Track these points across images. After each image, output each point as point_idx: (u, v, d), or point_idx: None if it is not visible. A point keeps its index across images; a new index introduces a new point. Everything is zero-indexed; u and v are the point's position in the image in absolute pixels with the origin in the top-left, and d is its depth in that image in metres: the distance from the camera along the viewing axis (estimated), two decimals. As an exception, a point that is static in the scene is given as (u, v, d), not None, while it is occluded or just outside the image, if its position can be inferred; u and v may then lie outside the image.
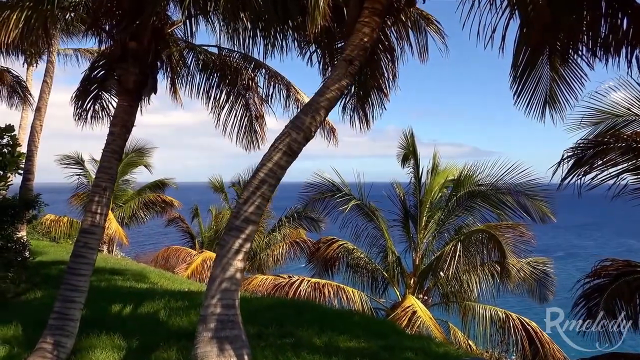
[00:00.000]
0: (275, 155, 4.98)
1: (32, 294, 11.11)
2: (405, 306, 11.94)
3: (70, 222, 20.49)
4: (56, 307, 6.69)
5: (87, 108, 9.81)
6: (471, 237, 12.54)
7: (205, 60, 9.43)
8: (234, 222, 4.91)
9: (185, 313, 7.94)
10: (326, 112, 5.03)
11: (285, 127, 5.12)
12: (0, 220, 10.93)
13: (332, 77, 5.01)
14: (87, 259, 6.92)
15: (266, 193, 5.01)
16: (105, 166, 7.24)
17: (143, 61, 7.40)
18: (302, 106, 10.52)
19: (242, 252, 4.94)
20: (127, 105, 7.43)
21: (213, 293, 4.78)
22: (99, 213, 7.04)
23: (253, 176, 5.01)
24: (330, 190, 15.08)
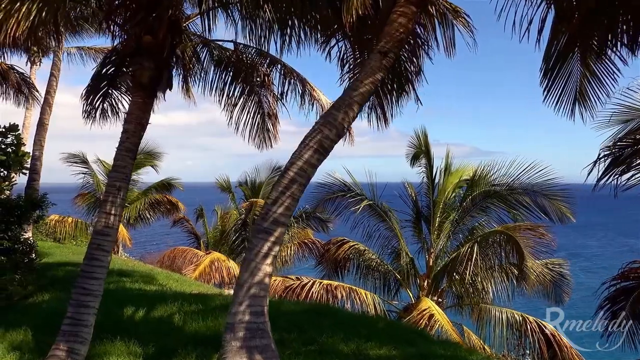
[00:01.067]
0: (305, 153, 4.69)
1: (40, 297, 10.84)
2: (421, 309, 11.65)
3: (75, 223, 20.22)
4: (69, 313, 6.40)
5: (96, 106, 9.56)
6: (488, 239, 12.25)
7: (220, 56, 9.14)
8: (262, 224, 4.63)
9: (202, 317, 7.64)
10: (359, 107, 4.75)
11: (316, 124, 4.84)
12: (6, 221, 10.66)
13: (365, 70, 4.72)
14: (101, 261, 6.63)
15: (296, 193, 4.72)
16: (119, 165, 6.94)
17: (158, 56, 7.10)
18: (318, 104, 10.27)
19: (270, 256, 4.66)
20: (141, 101, 7.13)
21: (241, 299, 4.49)
22: (113, 214, 6.75)
23: (282, 175, 4.72)
24: (341, 191, 14.80)
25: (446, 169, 14.82)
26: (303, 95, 10.13)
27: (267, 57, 9.26)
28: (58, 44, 8.89)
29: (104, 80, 9.26)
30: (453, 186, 14.70)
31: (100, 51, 21.47)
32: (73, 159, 20.29)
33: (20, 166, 12.73)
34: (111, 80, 9.28)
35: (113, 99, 9.57)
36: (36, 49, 18.92)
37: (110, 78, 9.23)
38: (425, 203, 14.90)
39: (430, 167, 14.65)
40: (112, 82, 9.33)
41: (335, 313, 8.22)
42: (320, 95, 10.18)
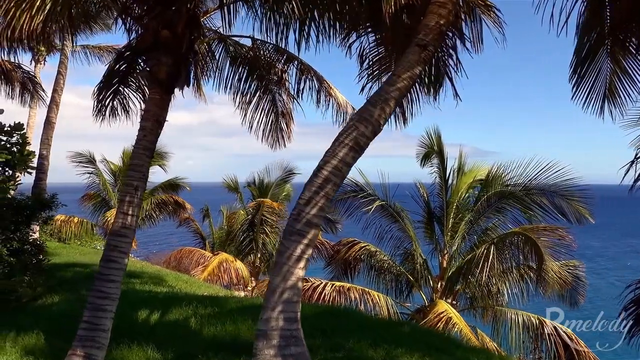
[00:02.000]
0: (340, 151, 4.46)
1: (49, 299, 10.62)
2: (438, 312, 11.39)
3: (81, 223, 19.99)
4: (86, 317, 6.17)
5: (106, 104, 9.34)
6: (505, 240, 11.99)
7: (236, 52, 8.91)
8: (294, 226, 4.40)
9: (219, 321, 7.41)
10: (396, 102, 4.52)
11: (350, 120, 4.61)
12: (15, 222, 10.44)
13: (403, 64, 4.50)
14: (119, 263, 6.40)
15: (330, 193, 4.50)
16: (137, 164, 6.73)
17: (176, 51, 6.88)
18: (335, 102, 10.04)
19: (303, 259, 4.43)
20: (158, 98, 6.91)
21: (274, 305, 4.27)
22: (130, 214, 6.52)
23: (315, 174, 4.48)
24: (353, 191, 14.54)
25: (459, 169, 14.55)
26: (319, 93, 9.89)
27: (284, 54, 9.03)
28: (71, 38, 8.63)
29: (115, 77, 9.05)
30: (466, 186, 14.45)
31: (105, 50, 21.28)
32: (79, 159, 20.08)
33: (26, 166, 12.54)
34: (123, 77, 9.07)
35: (123, 97, 9.37)
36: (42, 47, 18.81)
37: (122, 75, 9.02)
38: (438, 204, 14.64)
39: (444, 168, 14.38)
40: (123, 80, 9.12)
41: (356, 316, 8.00)
42: (337, 94, 9.95)
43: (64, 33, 7.66)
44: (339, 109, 10.16)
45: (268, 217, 18.28)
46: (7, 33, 6.62)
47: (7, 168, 12.07)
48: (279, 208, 18.25)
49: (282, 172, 19.81)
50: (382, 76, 8.27)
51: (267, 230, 18.63)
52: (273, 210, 18.11)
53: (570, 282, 11.95)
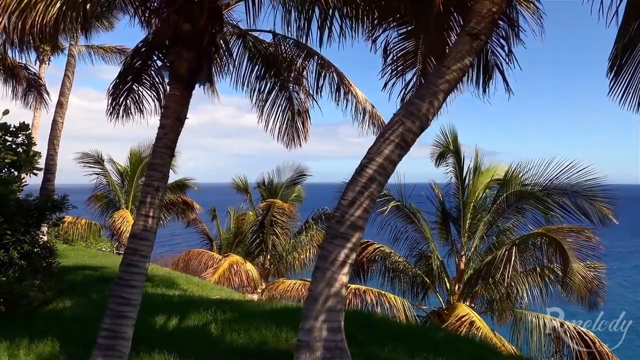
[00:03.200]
0: (386, 148, 4.15)
1: (60, 303, 10.33)
2: (459, 315, 11.08)
3: (88, 224, 19.69)
4: (106, 324, 5.87)
5: (119, 102, 9.07)
6: (528, 241, 11.67)
7: (255, 48, 8.61)
8: (338, 229, 4.09)
9: (242, 327, 7.09)
10: (445, 96, 4.22)
11: (395, 115, 4.30)
12: (25, 223, 10.14)
13: (452, 54, 4.19)
14: (139, 268, 6.11)
15: (374, 193, 4.19)
16: (157, 163, 6.42)
17: (198, 45, 6.58)
18: (355, 101, 9.73)
19: (347, 265, 4.13)
20: (179, 94, 6.61)
21: (317, 314, 3.96)
22: (151, 216, 6.23)
23: (359, 173, 4.17)
24: (367, 191, 14.24)
25: (476, 168, 14.28)
26: (339, 91, 9.58)
27: (304, 50, 8.72)
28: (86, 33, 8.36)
29: (129, 75, 8.76)
30: (483, 186, 14.17)
31: (110, 50, 21.01)
32: (86, 159, 19.79)
33: (31, 166, 12.27)
34: (136, 74, 8.78)
35: (137, 95, 9.09)
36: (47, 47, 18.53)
37: (135, 72, 8.74)
38: (454, 204, 14.36)
39: (460, 167, 14.10)
40: (137, 77, 8.84)
41: (385, 322, 7.69)
42: (357, 91, 9.64)
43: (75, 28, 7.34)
44: (357, 106, 9.87)
45: (278, 218, 17.98)
46: (18, 25, 6.33)
47: (12, 169, 11.81)
48: (290, 209, 17.94)
49: (293, 173, 19.51)
50: (406, 72, 7.99)
51: (277, 232, 18.33)
52: (284, 212, 17.81)
53: (596, 285, 11.64)
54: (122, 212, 19.04)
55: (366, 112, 9.84)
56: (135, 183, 20.51)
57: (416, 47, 7.76)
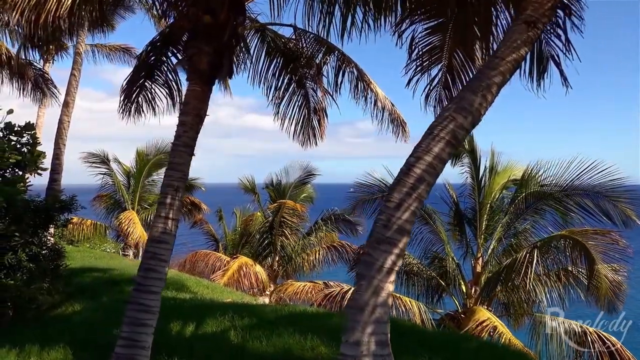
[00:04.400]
0: (435, 146, 3.83)
1: (69, 307, 10.03)
2: (479, 320, 10.75)
3: (94, 225, 19.37)
4: (124, 332, 5.55)
5: (132, 100, 8.77)
6: (550, 244, 11.34)
7: (274, 42, 8.29)
8: (384, 233, 3.76)
9: (263, 334, 6.76)
10: (498, 89, 3.90)
11: (445, 110, 3.98)
12: (33, 224, 9.83)
13: (506, 44, 3.87)
14: (159, 273, 5.79)
15: (423, 195, 3.87)
16: (177, 162, 6.11)
17: (219, 39, 6.27)
18: (374, 98, 9.41)
19: (394, 272, 3.81)
20: (199, 90, 6.30)
21: (363, 325, 3.64)
22: (171, 218, 5.91)
23: (405, 173, 3.85)
24: (381, 191, 13.93)
25: (492, 168, 13.95)
26: (358, 87, 9.26)
27: (324, 45, 8.39)
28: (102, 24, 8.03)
29: (142, 71, 8.46)
30: (500, 187, 13.84)
31: (115, 49, 20.74)
32: (92, 159, 19.47)
33: (36, 167, 11.99)
34: (149, 71, 8.47)
35: (149, 92, 8.79)
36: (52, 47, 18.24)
37: (148, 68, 8.43)
38: (470, 205, 14.04)
39: (476, 167, 13.77)
40: (149, 73, 8.53)
41: (413, 329, 7.36)
42: (377, 88, 9.32)
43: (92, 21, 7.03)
44: (376, 103, 9.55)
45: (288, 219, 17.64)
46: (31, 18, 6.04)
47: (17, 169, 11.53)
48: (301, 210, 17.60)
49: (301, 173, 19.16)
50: (431, 68, 7.70)
51: (286, 233, 18.00)
52: (294, 212, 17.47)
53: (623, 288, 11.30)
54: (128, 214, 18.72)
55: (386, 110, 9.52)
56: (141, 183, 20.21)
57: (442, 42, 7.47)
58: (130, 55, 21.20)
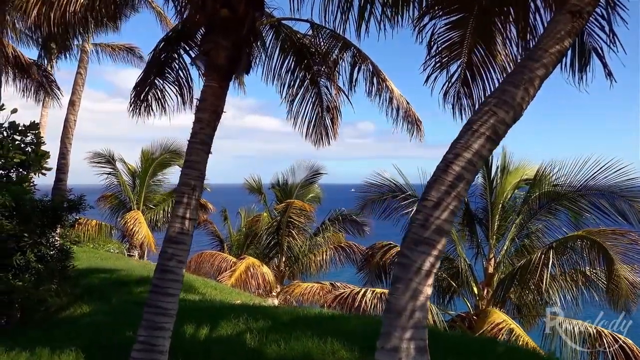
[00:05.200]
0: (475, 142, 3.65)
1: (78, 309, 9.86)
2: (495, 322, 10.55)
3: (99, 225, 19.19)
4: (141, 337, 5.37)
5: (141, 98, 8.59)
6: (566, 244, 11.14)
7: (290, 39, 8.11)
8: (422, 234, 3.58)
9: (281, 338, 6.58)
10: (541, 82, 3.71)
11: (484, 105, 3.79)
12: (41, 225, 9.65)
13: (549, 35, 3.68)
14: (176, 274, 5.61)
15: (462, 193, 3.69)
16: (194, 160, 5.93)
17: (237, 33, 6.09)
18: (389, 96, 9.22)
19: (432, 275, 3.62)
20: (216, 86, 6.12)
21: (401, 331, 3.45)
22: (188, 218, 5.73)
23: (444, 171, 3.66)
24: (391, 191, 13.75)
25: (504, 168, 13.75)
26: (373, 84, 9.07)
27: (340, 40, 8.20)
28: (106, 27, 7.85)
29: (153, 69, 8.28)
30: (512, 187, 13.64)
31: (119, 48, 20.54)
32: (98, 159, 19.29)
33: (40, 166, 11.84)
34: (159, 68, 8.30)
35: (159, 90, 8.61)
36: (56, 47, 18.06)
37: (160, 65, 8.25)
38: (481, 205, 13.84)
39: (488, 167, 13.57)
40: (159, 71, 8.35)
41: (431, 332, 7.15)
42: (392, 86, 9.13)
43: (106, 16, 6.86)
44: (391, 101, 9.36)
45: (295, 219, 17.46)
46: (48, 13, 5.88)
47: (21, 169, 11.39)
48: (310, 209, 17.42)
49: (308, 173, 18.97)
50: (450, 64, 7.55)
51: (293, 233, 17.82)
52: (301, 212, 17.29)
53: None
54: (134, 213, 18.54)
55: (401, 108, 9.33)
56: (146, 183, 20.03)
57: (462, 38, 7.31)
58: (134, 55, 21.03)
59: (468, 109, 7.81)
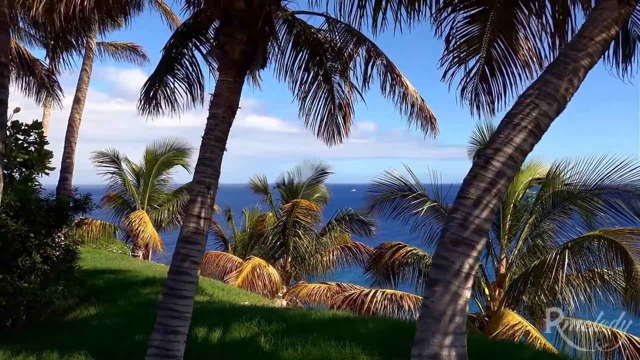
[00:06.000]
0: (516, 136, 3.43)
1: (85, 310, 9.66)
2: (510, 324, 10.33)
3: (103, 226, 18.97)
4: (155, 341, 5.16)
5: (150, 96, 8.39)
6: (583, 244, 10.92)
7: (304, 33, 7.89)
8: (461, 234, 3.36)
9: (298, 342, 6.36)
10: (585, 73, 3.50)
11: (526, 96, 3.56)
12: (47, 224, 9.45)
13: (594, 23, 3.48)
14: (191, 276, 5.40)
15: (502, 190, 3.47)
16: (208, 158, 5.72)
17: (252, 26, 5.88)
18: (406, 93, 9.01)
19: (471, 277, 3.41)
20: (231, 80, 5.92)
21: (441, 337, 3.24)
22: (203, 217, 5.53)
23: (483, 167, 3.45)
24: (401, 190, 13.52)
25: (515, 167, 13.53)
26: (386, 81, 8.85)
27: (355, 35, 7.99)
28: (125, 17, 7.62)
29: (164, 66, 8.08)
30: (524, 186, 13.41)
31: (121, 47, 20.36)
32: (102, 158, 19.07)
33: (43, 166, 11.67)
34: (169, 64, 8.09)
35: (168, 87, 8.41)
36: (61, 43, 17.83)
37: (170, 62, 8.04)
38: (492, 204, 13.63)
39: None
40: (169, 67, 8.14)
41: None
42: (407, 83, 8.91)
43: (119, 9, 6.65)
44: (405, 98, 9.14)
45: (302, 219, 17.23)
46: (61, 10, 5.68)
47: (24, 169, 11.22)
48: (316, 209, 17.19)
49: (314, 172, 18.73)
50: (468, 59, 7.37)
51: (299, 233, 17.59)
52: (308, 212, 17.06)
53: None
54: (139, 213, 18.33)
55: (416, 104, 9.11)
56: (150, 183, 19.83)
57: (482, 32, 7.14)
58: (137, 54, 20.84)
59: (486, 105, 7.65)
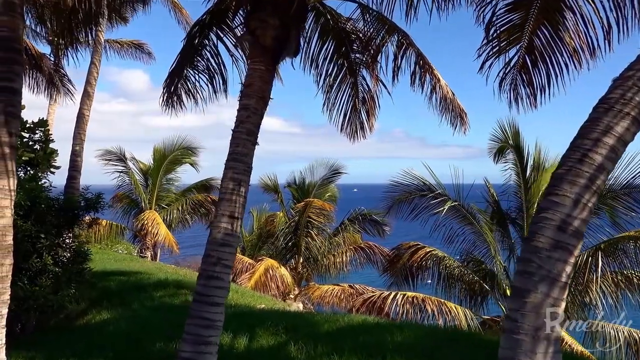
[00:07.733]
0: (618, 125, 2.98)
1: (97, 314, 9.21)
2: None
3: (110, 226, 18.53)
4: (185, 352, 4.72)
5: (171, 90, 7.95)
6: (617, 245, 10.47)
7: (333, 22, 7.44)
8: (560, 237, 2.90)
9: (333, 351, 5.92)
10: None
11: (624, 79, 3.11)
12: (57, 225, 9.01)
13: None
14: (223, 281, 4.97)
15: (601, 187, 3.04)
16: (240, 152, 5.27)
17: (285, 10, 5.43)
18: (437, 85, 8.55)
19: (567, 287, 2.95)
20: (264, 69, 5.48)
21: (533, 357, 2.78)
22: (235, 217, 5.07)
23: (579, 160, 2.99)
24: (420, 190, 13.07)
25: (540, 164, 13.08)
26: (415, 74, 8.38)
27: (386, 24, 7.53)
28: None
29: (185, 57, 7.62)
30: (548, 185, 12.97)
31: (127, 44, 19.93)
32: (109, 157, 18.63)
33: (48, 165, 11.32)
34: (190, 56, 7.64)
35: (189, 81, 7.96)
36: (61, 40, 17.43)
37: (191, 53, 7.59)
38: (515, 204, 13.16)
39: (522, 164, 12.89)
40: (190, 59, 7.69)
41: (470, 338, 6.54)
42: (439, 75, 8.45)
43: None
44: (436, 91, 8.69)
45: (314, 218, 16.77)
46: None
47: (29, 167, 10.85)
48: (330, 209, 16.74)
49: (327, 171, 18.26)
50: (508, 49, 6.94)
51: (312, 234, 17.13)
52: (321, 211, 16.60)
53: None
54: (150, 214, 17.85)
55: (447, 99, 8.66)
56: (159, 182, 19.38)
57: (524, 20, 6.71)
58: (142, 52, 20.42)
59: (526, 98, 7.23)
